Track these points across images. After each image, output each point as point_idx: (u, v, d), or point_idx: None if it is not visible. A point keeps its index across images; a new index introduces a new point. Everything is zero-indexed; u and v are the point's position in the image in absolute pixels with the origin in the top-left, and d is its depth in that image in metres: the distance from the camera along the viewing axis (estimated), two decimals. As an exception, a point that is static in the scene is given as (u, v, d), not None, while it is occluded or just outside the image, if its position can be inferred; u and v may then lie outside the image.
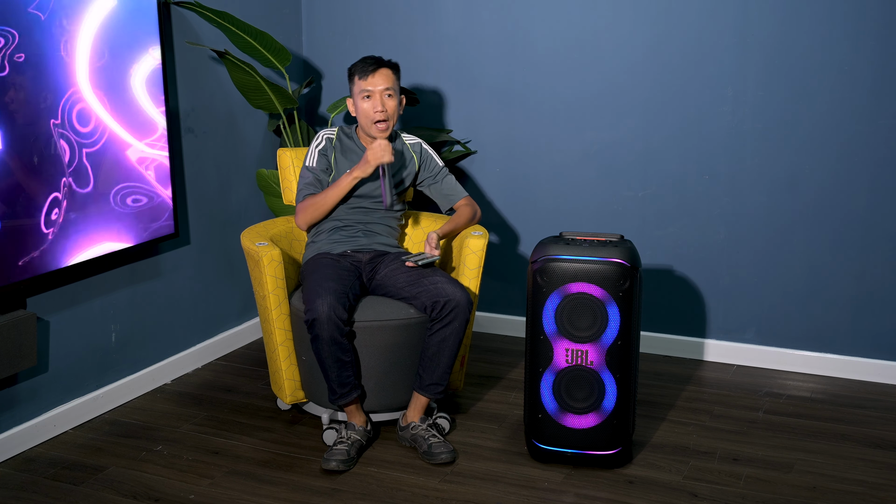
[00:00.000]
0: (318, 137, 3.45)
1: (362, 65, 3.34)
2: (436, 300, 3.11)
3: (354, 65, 3.37)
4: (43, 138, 3.05)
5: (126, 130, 3.37)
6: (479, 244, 3.35)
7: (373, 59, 3.35)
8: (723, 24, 3.71)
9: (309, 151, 3.43)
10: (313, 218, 3.37)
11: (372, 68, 3.32)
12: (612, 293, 2.92)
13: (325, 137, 3.44)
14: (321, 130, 3.51)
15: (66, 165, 3.14)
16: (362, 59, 3.37)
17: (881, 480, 2.99)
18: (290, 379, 3.34)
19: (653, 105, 3.87)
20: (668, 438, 3.27)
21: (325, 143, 3.42)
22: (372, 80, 3.31)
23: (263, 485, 2.99)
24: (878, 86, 3.55)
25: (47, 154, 3.07)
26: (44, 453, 3.19)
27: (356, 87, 3.34)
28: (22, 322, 3.04)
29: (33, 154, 3.02)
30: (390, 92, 3.33)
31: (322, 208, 3.34)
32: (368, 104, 3.32)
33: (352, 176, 3.29)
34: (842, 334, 3.78)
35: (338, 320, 3.04)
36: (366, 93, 3.32)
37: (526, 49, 4.02)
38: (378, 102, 3.31)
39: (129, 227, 3.42)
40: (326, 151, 3.41)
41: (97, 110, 3.24)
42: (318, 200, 3.34)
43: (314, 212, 3.35)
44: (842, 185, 3.67)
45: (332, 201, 3.33)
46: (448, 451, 3.10)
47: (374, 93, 3.31)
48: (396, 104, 3.35)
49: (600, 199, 4.01)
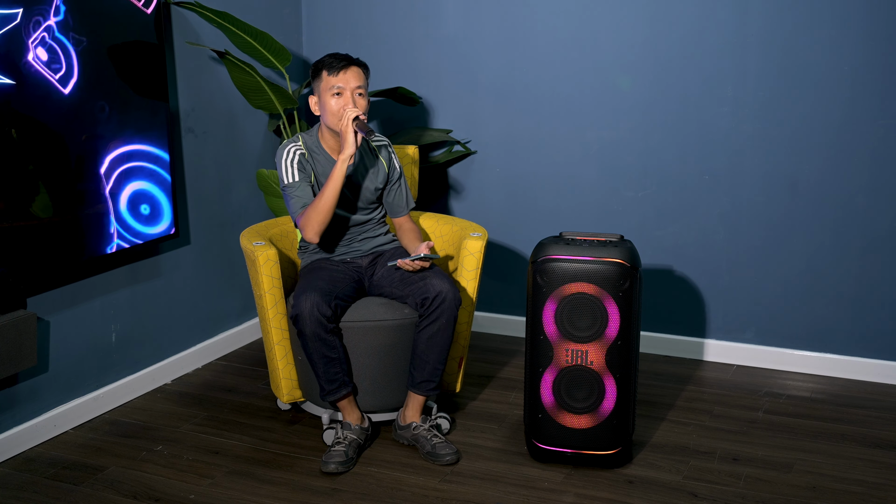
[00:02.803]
0: (286, 153, 3.23)
1: (332, 61, 3.20)
2: (425, 296, 3.10)
3: (321, 60, 3.23)
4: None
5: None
6: (477, 245, 3.34)
7: (343, 56, 3.22)
8: (723, 24, 3.71)
9: (282, 169, 3.22)
10: (320, 224, 3.16)
11: (343, 65, 3.19)
12: (612, 293, 2.92)
13: (295, 152, 3.25)
14: (285, 144, 3.26)
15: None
16: (330, 55, 3.24)
17: (881, 480, 3.00)
18: (286, 378, 3.35)
19: (653, 105, 3.87)
20: (668, 438, 3.27)
21: (299, 158, 3.23)
22: (343, 76, 3.18)
23: (263, 485, 2.99)
24: (879, 86, 3.55)
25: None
26: (44, 453, 3.19)
27: (324, 83, 3.19)
28: (22, 322, 3.04)
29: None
30: (361, 90, 3.21)
31: (325, 209, 3.14)
32: (338, 101, 3.18)
33: (340, 159, 3.11)
34: (842, 334, 3.78)
35: (320, 317, 3.03)
36: (336, 89, 3.18)
37: (526, 49, 4.02)
38: (349, 100, 3.17)
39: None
40: (304, 166, 3.24)
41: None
42: (317, 204, 3.14)
43: (318, 216, 3.14)
44: (842, 185, 3.67)
45: (332, 196, 3.13)
46: (452, 452, 3.11)
47: (345, 90, 3.18)
48: (367, 104, 3.22)
49: (600, 198, 4.01)
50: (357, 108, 3.17)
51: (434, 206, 4.27)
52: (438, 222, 3.64)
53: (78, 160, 3.21)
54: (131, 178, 3.41)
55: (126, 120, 3.36)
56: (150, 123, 3.46)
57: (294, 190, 3.21)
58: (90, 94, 3.21)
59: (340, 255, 3.36)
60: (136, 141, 3.42)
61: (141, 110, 3.42)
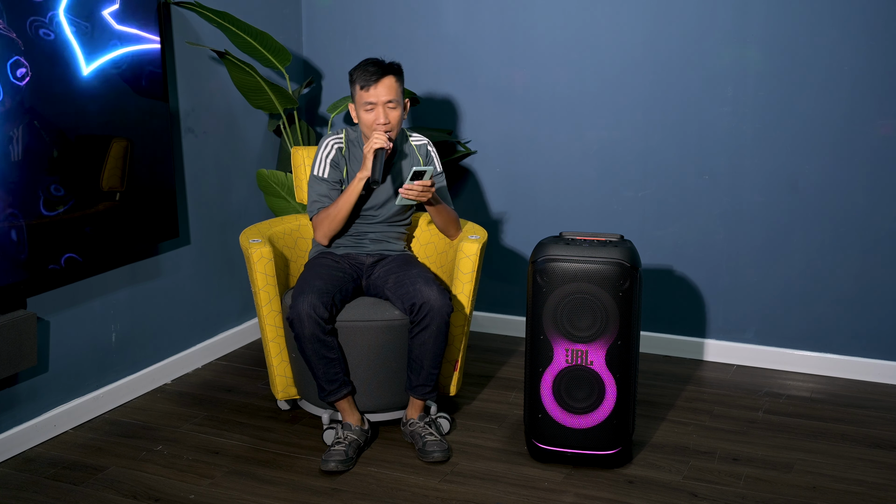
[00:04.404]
0: (326, 145, 3.31)
1: (364, 73, 3.17)
2: (413, 302, 3.10)
3: (356, 69, 3.21)
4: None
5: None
6: (474, 248, 3.29)
7: (374, 65, 3.17)
8: (723, 24, 3.71)
9: (317, 159, 3.30)
10: (331, 230, 3.27)
11: (375, 78, 3.15)
12: (612, 293, 2.92)
13: (334, 146, 3.30)
14: (328, 136, 3.33)
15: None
16: (364, 63, 3.21)
17: (881, 480, 3.00)
18: (281, 375, 3.36)
19: (653, 105, 3.87)
20: (668, 438, 3.27)
21: (335, 153, 3.29)
22: (374, 91, 3.16)
23: (263, 485, 2.99)
24: (878, 86, 3.55)
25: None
26: (44, 453, 3.19)
27: (358, 96, 3.20)
28: (22, 322, 3.04)
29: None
30: (393, 104, 3.19)
31: (338, 219, 3.23)
32: (370, 116, 3.19)
33: (357, 178, 3.19)
34: (842, 334, 3.78)
35: (318, 318, 3.04)
36: (368, 105, 3.18)
37: (526, 49, 4.02)
38: (381, 115, 3.17)
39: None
40: (338, 163, 3.29)
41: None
42: (331, 213, 3.23)
43: (331, 223, 3.25)
44: (841, 185, 3.67)
45: (346, 209, 3.22)
46: (441, 449, 3.10)
47: (376, 105, 3.17)
48: (400, 113, 3.21)
49: (600, 198, 4.01)
50: (389, 121, 3.18)
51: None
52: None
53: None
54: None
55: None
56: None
57: (317, 185, 3.29)
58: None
59: (346, 249, 3.36)
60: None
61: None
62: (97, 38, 3.20)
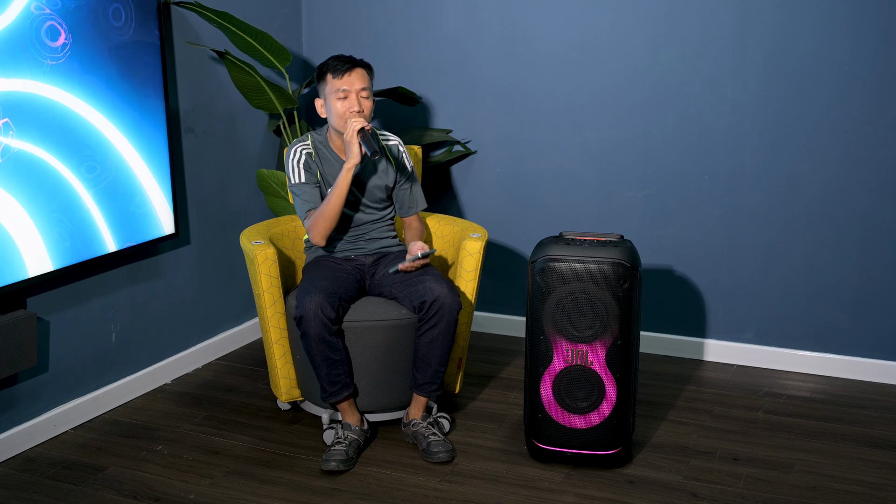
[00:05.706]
0: (294, 152, 3.28)
1: (336, 63, 3.21)
2: (423, 300, 3.10)
3: (326, 63, 3.24)
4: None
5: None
6: (477, 246, 3.32)
7: (347, 58, 3.23)
8: (723, 25, 3.71)
9: (290, 168, 3.28)
10: (326, 228, 3.22)
11: (347, 67, 3.20)
12: (612, 293, 2.92)
13: (303, 152, 3.29)
14: (293, 144, 3.31)
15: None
16: (334, 57, 3.26)
17: (881, 480, 3.00)
18: (285, 377, 3.35)
19: (653, 105, 3.87)
20: (668, 438, 3.27)
21: (305, 158, 3.27)
22: (348, 79, 3.20)
23: (263, 485, 2.99)
24: (879, 86, 3.55)
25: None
26: (44, 453, 3.19)
27: (329, 86, 3.21)
28: (22, 322, 3.04)
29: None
30: (366, 92, 3.23)
31: (331, 215, 3.19)
32: (344, 104, 3.20)
33: (345, 168, 3.15)
34: (842, 334, 3.78)
35: (325, 319, 3.04)
36: (342, 93, 3.19)
37: (526, 49, 4.02)
38: (355, 102, 3.19)
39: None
40: (310, 166, 3.27)
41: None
42: (323, 210, 3.19)
43: (324, 222, 3.20)
44: (842, 185, 3.67)
45: (338, 202, 3.18)
46: (446, 450, 3.10)
47: (350, 92, 3.20)
48: (372, 105, 3.25)
49: (600, 198, 4.01)
50: (363, 109, 3.20)
51: (434, 206, 4.27)
52: (439, 223, 3.64)
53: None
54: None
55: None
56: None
57: (300, 191, 3.26)
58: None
59: (345, 253, 3.36)
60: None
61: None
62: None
